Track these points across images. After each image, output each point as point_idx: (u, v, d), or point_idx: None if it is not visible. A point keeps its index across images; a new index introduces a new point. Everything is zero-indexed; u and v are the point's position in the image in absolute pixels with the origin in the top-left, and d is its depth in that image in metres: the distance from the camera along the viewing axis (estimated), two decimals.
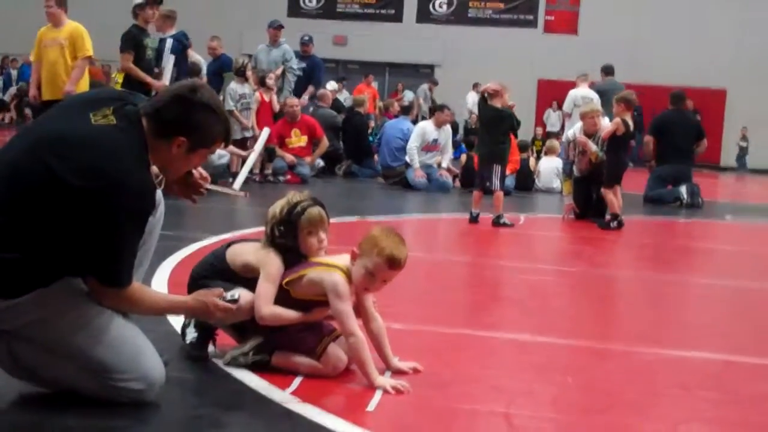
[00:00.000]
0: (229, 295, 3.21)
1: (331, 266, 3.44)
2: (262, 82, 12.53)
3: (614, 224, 9.07)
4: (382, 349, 3.56)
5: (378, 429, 2.90)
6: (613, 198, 9.15)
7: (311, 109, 13.88)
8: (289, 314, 3.43)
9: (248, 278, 3.48)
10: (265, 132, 11.48)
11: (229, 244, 3.66)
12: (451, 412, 3.18)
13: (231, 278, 3.50)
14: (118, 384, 2.90)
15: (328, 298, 3.38)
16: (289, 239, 3.51)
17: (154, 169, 3.11)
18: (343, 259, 3.48)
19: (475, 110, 22.44)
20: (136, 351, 2.96)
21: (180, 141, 2.97)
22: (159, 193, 3.16)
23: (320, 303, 3.44)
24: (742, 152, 25.99)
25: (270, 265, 3.46)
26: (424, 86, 23.60)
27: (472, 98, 22.95)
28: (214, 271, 3.55)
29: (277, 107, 12.69)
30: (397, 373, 3.50)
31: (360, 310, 3.51)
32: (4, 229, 2.76)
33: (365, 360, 3.33)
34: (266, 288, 3.42)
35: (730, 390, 3.72)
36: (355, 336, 3.34)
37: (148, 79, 9.69)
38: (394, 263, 3.36)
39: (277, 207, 3.56)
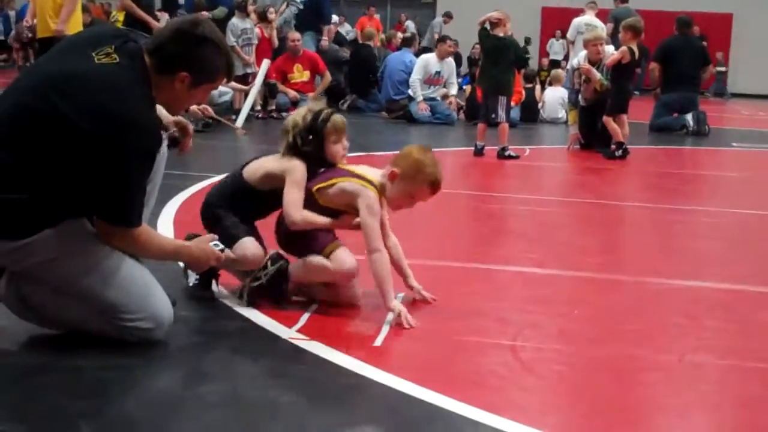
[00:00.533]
0: (214, 243, 3.20)
1: (366, 180, 3.47)
2: (262, 17, 12.39)
3: (619, 153, 9.03)
4: (400, 263, 3.65)
5: (385, 364, 2.92)
6: (616, 126, 9.09)
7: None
8: (321, 219, 3.47)
9: (267, 192, 3.51)
10: (265, 64, 11.35)
11: (244, 165, 3.67)
12: (458, 345, 3.19)
13: (249, 195, 3.54)
14: (128, 324, 2.92)
15: (357, 210, 3.42)
16: (315, 147, 3.54)
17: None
18: (373, 173, 3.53)
19: None
20: (146, 291, 2.97)
21: (183, 76, 2.95)
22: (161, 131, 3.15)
23: (344, 213, 3.49)
24: (720, 77, 25.38)
25: (295, 170, 3.49)
26: (439, 20, 22.93)
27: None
28: (230, 191, 3.59)
29: (276, 43, 12.56)
30: (409, 290, 3.64)
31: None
32: (12, 169, 2.75)
33: (385, 278, 3.35)
34: (294, 193, 3.45)
35: (737, 319, 3.73)
36: (381, 252, 3.38)
37: (151, 21, 9.60)
38: (437, 188, 3.49)
39: (299, 116, 3.59)
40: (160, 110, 3.15)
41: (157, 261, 3.27)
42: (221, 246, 3.19)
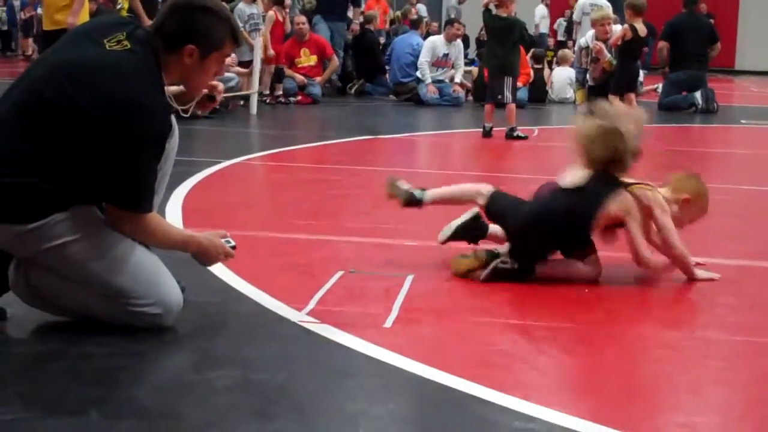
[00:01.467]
0: (226, 240, 3.17)
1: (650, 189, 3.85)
2: (279, 1, 12.31)
3: None
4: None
5: (394, 345, 2.91)
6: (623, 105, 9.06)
7: (318, 25, 13.60)
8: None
9: None
10: (258, 42, 11.16)
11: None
12: (468, 326, 3.19)
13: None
14: (136, 309, 2.91)
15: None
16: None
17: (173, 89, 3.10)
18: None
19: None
20: (154, 277, 2.97)
21: (190, 49, 2.95)
22: (172, 117, 3.15)
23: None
24: None
25: (635, 211, 3.73)
26: (453, 1, 22.72)
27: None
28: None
29: (289, 27, 12.53)
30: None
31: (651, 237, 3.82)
32: (24, 154, 2.76)
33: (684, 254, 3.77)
34: (641, 235, 3.74)
35: (748, 295, 3.71)
36: (682, 251, 3.75)
37: (143, 15, 9.58)
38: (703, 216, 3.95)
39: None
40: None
41: (165, 250, 3.26)
42: (233, 243, 3.17)
